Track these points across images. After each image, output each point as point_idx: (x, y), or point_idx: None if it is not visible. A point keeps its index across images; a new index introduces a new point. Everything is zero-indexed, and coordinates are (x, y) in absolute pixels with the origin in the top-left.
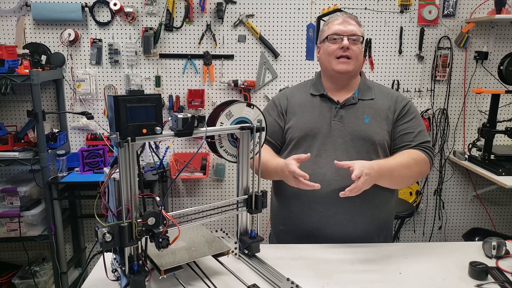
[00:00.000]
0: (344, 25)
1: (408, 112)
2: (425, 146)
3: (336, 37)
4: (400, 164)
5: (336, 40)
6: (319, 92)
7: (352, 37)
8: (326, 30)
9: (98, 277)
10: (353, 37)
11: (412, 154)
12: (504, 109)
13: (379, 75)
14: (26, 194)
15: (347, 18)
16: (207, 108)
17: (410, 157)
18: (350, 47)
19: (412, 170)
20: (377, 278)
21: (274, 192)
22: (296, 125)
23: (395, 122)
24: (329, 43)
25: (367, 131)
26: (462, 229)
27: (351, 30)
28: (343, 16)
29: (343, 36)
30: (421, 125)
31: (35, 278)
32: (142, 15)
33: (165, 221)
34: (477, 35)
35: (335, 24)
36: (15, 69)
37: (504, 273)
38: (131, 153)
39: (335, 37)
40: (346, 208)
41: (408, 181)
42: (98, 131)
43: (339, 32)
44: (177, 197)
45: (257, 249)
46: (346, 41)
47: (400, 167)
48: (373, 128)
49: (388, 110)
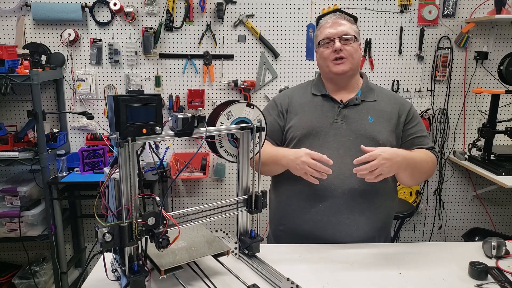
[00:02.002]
0: (334, 27)
1: (413, 116)
2: (434, 151)
3: (328, 40)
4: (421, 158)
5: (329, 44)
6: (321, 92)
7: (344, 37)
8: (318, 34)
9: (98, 277)
10: (346, 36)
11: (428, 153)
12: (504, 109)
13: (379, 75)
14: (26, 194)
15: (337, 19)
16: (207, 108)
17: (428, 155)
18: (343, 47)
19: (428, 167)
20: (377, 278)
21: (274, 191)
22: (298, 124)
23: (404, 126)
24: (323, 48)
25: (371, 131)
26: (462, 229)
27: (342, 30)
28: (333, 18)
29: (334, 39)
30: (425, 129)
31: (35, 278)
32: (142, 15)
33: (165, 221)
34: (477, 35)
35: (326, 28)
36: (15, 69)
37: (504, 273)
38: (131, 153)
39: (327, 41)
40: (347, 208)
41: (424, 176)
42: (98, 131)
43: (329, 36)
44: (177, 197)
45: (257, 249)
46: (338, 43)
47: (422, 160)
48: (377, 128)
49: (392, 112)
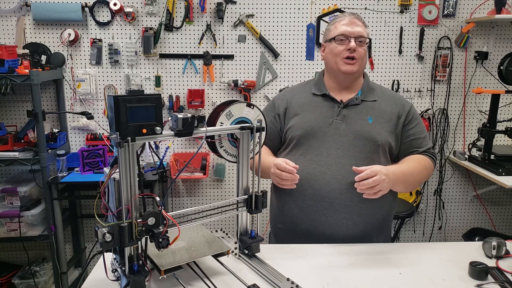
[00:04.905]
0: (352, 27)
1: (413, 117)
2: (431, 152)
3: (343, 38)
4: (412, 169)
5: (343, 41)
6: (321, 92)
7: (359, 39)
8: (332, 29)
9: (98, 277)
10: (360, 39)
11: (422, 161)
12: (504, 109)
13: (379, 75)
14: (26, 194)
15: (354, 19)
16: (207, 108)
17: (420, 164)
18: (356, 48)
19: (422, 175)
20: (377, 278)
21: (274, 190)
22: (297, 124)
23: (403, 127)
24: (336, 44)
25: (370, 132)
26: (462, 229)
27: (358, 31)
28: (350, 17)
29: (350, 38)
30: (424, 129)
31: (35, 278)
32: (142, 15)
33: (165, 221)
34: (477, 35)
35: (342, 24)
36: (15, 69)
37: (504, 273)
38: (131, 153)
39: (342, 38)
40: (345, 208)
41: (418, 185)
42: (98, 131)
43: (346, 34)
44: (177, 197)
45: (257, 249)
46: (353, 43)
47: (413, 172)
48: (376, 129)
49: (391, 112)
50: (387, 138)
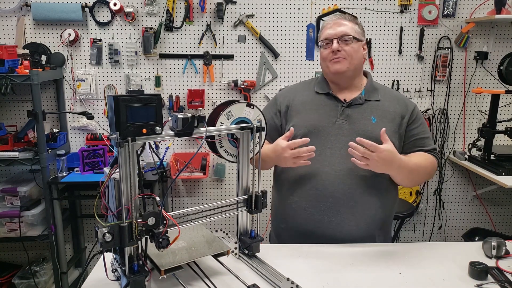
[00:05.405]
0: (334, 28)
1: (417, 117)
2: (436, 153)
3: (327, 41)
4: (418, 163)
5: (328, 45)
6: (325, 90)
7: (343, 38)
8: (320, 36)
9: (98, 277)
10: (345, 37)
11: (428, 158)
12: (504, 109)
13: (379, 75)
14: (26, 194)
15: (338, 19)
16: (207, 108)
17: (427, 160)
18: (341, 48)
19: (427, 171)
20: (377, 278)
21: (276, 190)
22: (300, 122)
23: (407, 127)
24: (323, 49)
25: (373, 131)
26: (462, 229)
27: (341, 31)
28: (334, 18)
29: (333, 39)
30: (427, 130)
31: (35, 278)
32: (142, 15)
33: (165, 221)
34: (477, 35)
35: (327, 29)
36: (15, 69)
37: (504, 273)
38: (131, 153)
39: (327, 42)
40: (349, 208)
41: (420, 180)
42: (98, 131)
43: (328, 37)
44: (177, 197)
45: (257, 249)
46: (336, 44)
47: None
48: (380, 128)
49: (395, 112)
50: (390, 138)
